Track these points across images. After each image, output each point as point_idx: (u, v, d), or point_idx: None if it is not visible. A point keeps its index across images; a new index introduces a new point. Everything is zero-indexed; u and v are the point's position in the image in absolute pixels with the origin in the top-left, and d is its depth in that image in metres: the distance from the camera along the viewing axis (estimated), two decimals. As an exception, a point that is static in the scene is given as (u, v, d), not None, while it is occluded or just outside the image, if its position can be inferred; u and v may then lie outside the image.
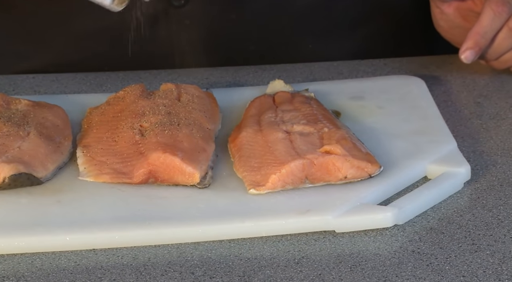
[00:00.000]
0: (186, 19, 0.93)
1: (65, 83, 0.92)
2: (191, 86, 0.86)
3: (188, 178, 0.77)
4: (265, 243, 0.74)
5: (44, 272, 0.71)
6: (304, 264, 0.72)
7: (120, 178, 0.78)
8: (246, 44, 0.95)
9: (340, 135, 0.80)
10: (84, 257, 0.72)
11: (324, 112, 0.84)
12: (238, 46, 0.95)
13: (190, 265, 0.72)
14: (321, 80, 0.92)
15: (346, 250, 0.73)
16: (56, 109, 0.83)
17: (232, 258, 0.73)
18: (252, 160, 0.79)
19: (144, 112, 0.82)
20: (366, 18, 0.99)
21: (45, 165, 0.78)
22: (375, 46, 0.99)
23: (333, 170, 0.78)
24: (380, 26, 0.99)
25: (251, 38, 0.95)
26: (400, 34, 1.00)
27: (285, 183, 0.77)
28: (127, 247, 0.73)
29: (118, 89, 0.86)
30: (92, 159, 0.79)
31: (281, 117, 0.83)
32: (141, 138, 0.80)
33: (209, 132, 0.82)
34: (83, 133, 0.82)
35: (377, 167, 0.79)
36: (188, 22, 0.93)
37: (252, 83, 0.93)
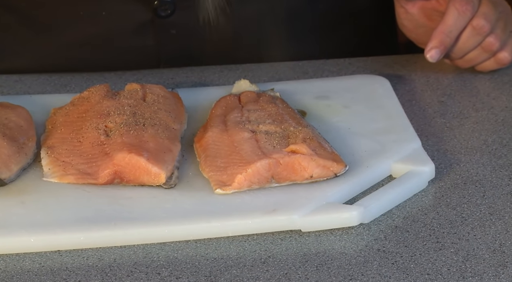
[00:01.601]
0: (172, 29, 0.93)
1: (29, 83, 0.91)
2: (157, 86, 0.86)
3: (154, 178, 0.77)
4: (232, 243, 0.74)
5: (8, 274, 0.70)
6: (270, 264, 0.72)
7: (85, 179, 0.77)
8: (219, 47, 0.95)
9: (306, 135, 0.80)
10: (49, 258, 0.72)
11: (289, 111, 0.85)
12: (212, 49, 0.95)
13: (156, 265, 0.72)
14: (286, 80, 0.92)
15: (312, 249, 0.74)
16: (20, 110, 0.83)
17: (199, 258, 0.72)
18: (218, 160, 0.79)
19: (109, 113, 0.82)
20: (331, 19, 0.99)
21: (9, 166, 0.77)
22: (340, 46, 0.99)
23: (299, 169, 0.78)
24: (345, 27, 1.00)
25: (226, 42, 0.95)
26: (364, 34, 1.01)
27: (251, 183, 0.77)
28: (93, 248, 0.73)
29: (82, 89, 0.86)
30: (56, 159, 0.79)
31: (247, 117, 0.83)
32: (106, 139, 0.79)
33: (175, 132, 0.82)
34: (47, 134, 0.82)
35: (343, 166, 0.79)
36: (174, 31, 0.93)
37: (218, 83, 0.93)
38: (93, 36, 0.93)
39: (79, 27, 0.92)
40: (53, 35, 0.93)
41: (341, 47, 0.99)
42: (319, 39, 0.98)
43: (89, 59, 0.93)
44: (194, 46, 0.94)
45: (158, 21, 0.92)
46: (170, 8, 0.92)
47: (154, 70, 0.94)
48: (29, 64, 0.93)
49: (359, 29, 1.00)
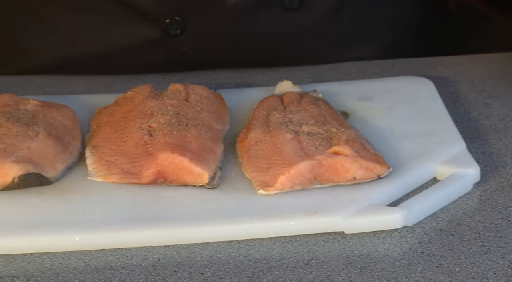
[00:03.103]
0: (184, 47, 0.93)
1: (74, 83, 0.92)
2: (200, 87, 0.86)
3: (197, 178, 0.78)
4: (274, 243, 0.74)
5: (54, 272, 0.71)
6: (313, 265, 0.72)
7: (129, 178, 0.78)
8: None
9: (349, 136, 0.80)
10: (94, 257, 0.72)
11: (332, 113, 0.85)
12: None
13: (199, 265, 0.72)
14: (329, 81, 0.92)
15: (356, 251, 0.74)
16: (65, 110, 0.84)
17: (241, 258, 0.73)
18: (261, 161, 0.79)
19: (152, 113, 0.82)
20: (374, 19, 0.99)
21: (54, 165, 0.78)
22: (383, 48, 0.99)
23: (342, 171, 0.78)
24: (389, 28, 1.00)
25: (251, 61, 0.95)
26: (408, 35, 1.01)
27: (293, 184, 0.77)
28: (136, 247, 0.73)
29: (126, 89, 0.87)
30: (101, 159, 0.79)
31: (289, 118, 0.83)
32: (150, 139, 0.80)
33: (217, 133, 0.82)
34: (92, 133, 0.83)
35: (386, 168, 0.79)
36: (186, 49, 0.93)
37: (260, 84, 0.93)
38: (104, 52, 0.93)
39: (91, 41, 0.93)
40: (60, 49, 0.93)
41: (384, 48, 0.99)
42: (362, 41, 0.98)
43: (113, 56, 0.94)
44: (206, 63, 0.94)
45: (167, 40, 0.92)
46: (180, 27, 0.92)
47: (197, 71, 0.95)
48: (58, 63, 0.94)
49: (403, 30, 1.00)
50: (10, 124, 0.79)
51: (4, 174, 0.76)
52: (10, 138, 0.78)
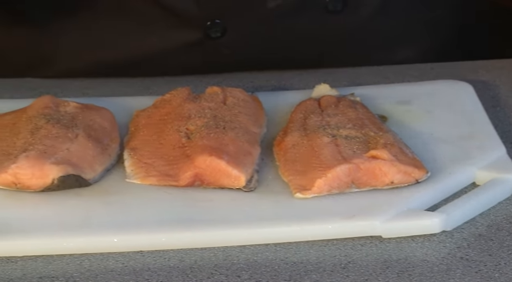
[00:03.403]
0: (224, 49, 0.94)
1: (113, 86, 0.93)
2: (237, 90, 0.87)
3: (234, 181, 0.78)
4: (311, 247, 0.74)
5: (92, 273, 0.72)
6: (350, 269, 0.72)
7: (167, 181, 0.78)
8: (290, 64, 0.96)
9: (387, 140, 0.80)
10: (132, 258, 0.73)
11: (370, 116, 0.84)
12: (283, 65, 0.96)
13: (236, 268, 0.72)
14: (367, 85, 0.92)
15: (393, 255, 0.73)
16: (104, 112, 0.84)
17: (278, 262, 0.73)
18: (298, 164, 0.79)
19: (190, 115, 0.83)
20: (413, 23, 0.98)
21: (93, 167, 0.79)
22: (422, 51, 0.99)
23: (380, 175, 0.78)
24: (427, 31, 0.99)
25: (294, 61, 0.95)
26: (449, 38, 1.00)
27: (331, 187, 0.77)
28: (174, 249, 0.74)
29: (164, 92, 0.87)
30: (139, 161, 0.80)
31: (327, 121, 0.83)
32: (187, 141, 0.80)
33: (254, 135, 0.82)
34: (130, 135, 0.83)
35: (424, 172, 0.78)
36: (227, 51, 0.94)
37: (298, 87, 0.93)
38: (143, 55, 0.94)
39: (130, 46, 0.93)
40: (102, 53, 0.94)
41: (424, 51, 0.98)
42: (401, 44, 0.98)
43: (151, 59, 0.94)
44: (245, 65, 0.94)
45: (208, 42, 0.93)
46: (221, 29, 0.93)
47: (234, 73, 0.95)
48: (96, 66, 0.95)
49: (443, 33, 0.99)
50: (50, 126, 0.80)
51: (44, 175, 0.76)
52: (50, 140, 0.79)
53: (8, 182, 0.77)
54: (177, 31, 0.93)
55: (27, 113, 0.82)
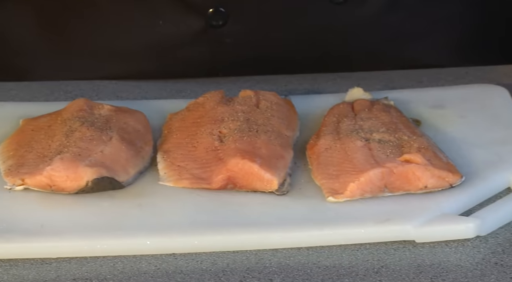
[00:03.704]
0: (227, 38, 0.94)
1: (146, 89, 0.93)
2: (270, 93, 0.87)
3: (267, 184, 0.78)
4: (344, 251, 0.74)
5: (125, 275, 0.72)
6: (383, 274, 0.72)
7: (199, 184, 0.79)
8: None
9: (421, 144, 0.80)
10: (164, 261, 0.73)
11: (404, 120, 0.84)
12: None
13: (268, 271, 0.72)
14: (400, 89, 0.92)
15: (427, 260, 0.73)
16: (138, 115, 0.85)
17: (311, 265, 0.73)
18: (331, 168, 0.79)
19: (223, 119, 0.83)
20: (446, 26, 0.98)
21: (127, 169, 0.79)
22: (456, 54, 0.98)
23: (413, 179, 0.77)
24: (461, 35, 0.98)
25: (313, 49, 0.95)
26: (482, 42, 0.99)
27: (363, 192, 0.77)
28: (206, 252, 0.74)
29: (198, 95, 0.87)
30: (172, 164, 0.80)
31: (360, 125, 0.83)
32: (220, 145, 0.81)
33: (287, 139, 0.82)
34: (164, 138, 0.84)
35: (459, 176, 0.78)
36: (229, 40, 0.94)
37: (331, 90, 0.93)
38: (148, 45, 0.94)
39: (135, 35, 0.93)
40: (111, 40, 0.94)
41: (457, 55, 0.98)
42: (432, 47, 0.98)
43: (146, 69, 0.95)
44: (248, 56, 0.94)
45: (211, 31, 0.93)
46: (223, 18, 0.93)
47: (268, 76, 0.95)
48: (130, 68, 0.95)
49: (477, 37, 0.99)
50: (85, 128, 0.81)
51: (79, 177, 0.77)
52: (84, 143, 0.79)
53: (43, 184, 0.77)
54: (181, 19, 0.93)
55: (62, 116, 0.83)
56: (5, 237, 0.73)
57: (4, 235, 0.73)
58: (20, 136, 0.82)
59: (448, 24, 0.98)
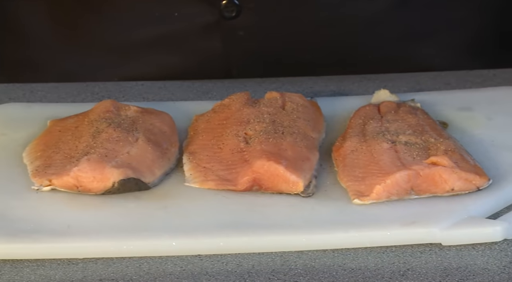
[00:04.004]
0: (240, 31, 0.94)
1: (172, 90, 0.94)
2: (296, 95, 0.87)
3: (292, 186, 0.78)
4: (370, 253, 0.74)
5: (151, 276, 0.72)
6: (409, 277, 0.72)
7: (225, 185, 0.79)
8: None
9: (447, 147, 0.79)
10: (190, 262, 0.73)
11: (430, 123, 0.84)
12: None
13: (293, 273, 0.72)
14: (427, 91, 0.92)
15: (453, 263, 0.72)
16: (164, 116, 0.85)
17: (336, 268, 0.73)
18: (357, 170, 0.79)
19: (249, 120, 0.83)
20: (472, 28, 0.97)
21: (153, 171, 0.79)
22: (482, 56, 0.98)
23: (440, 182, 0.77)
24: (489, 36, 0.98)
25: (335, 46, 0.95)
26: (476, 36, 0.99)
27: (390, 194, 0.77)
28: (232, 254, 0.74)
29: (224, 97, 0.88)
30: (197, 165, 0.81)
31: (386, 127, 0.83)
32: (246, 146, 0.81)
33: (313, 141, 0.82)
34: (189, 140, 0.84)
35: (486, 179, 0.77)
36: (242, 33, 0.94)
37: (357, 92, 0.92)
38: (163, 37, 0.94)
39: (150, 28, 0.93)
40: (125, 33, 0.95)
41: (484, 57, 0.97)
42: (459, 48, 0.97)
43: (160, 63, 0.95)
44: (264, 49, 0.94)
45: (224, 23, 0.93)
46: (236, 9, 0.92)
47: (294, 78, 0.95)
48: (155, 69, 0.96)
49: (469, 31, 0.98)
50: (111, 129, 0.81)
51: (105, 178, 0.77)
52: (111, 144, 0.80)
53: (70, 185, 0.78)
54: (194, 10, 0.93)
55: (89, 117, 0.84)
56: (33, 237, 0.74)
57: (32, 235, 0.74)
58: (47, 137, 0.83)
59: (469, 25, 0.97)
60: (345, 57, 0.96)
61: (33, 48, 0.98)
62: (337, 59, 0.96)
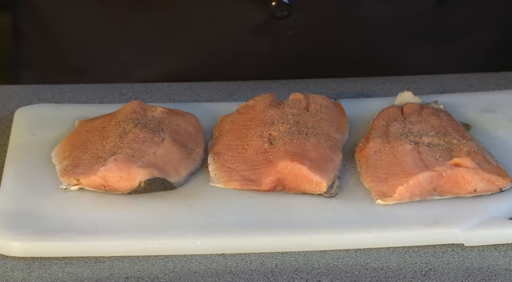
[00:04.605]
0: (289, 30, 0.94)
1: (198, 91, 0.94)
2: (320, 97, 0.87)
3: (315, 186, 0.78)
4: (392, 254, 0.74)
5: (176, 274, 0.73)
6: (431, 277, 0.72)
7: (249, 185, 0.80)
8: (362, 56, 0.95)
9: (470, 148, 0.79)
10: (214, 261, 0.74)
11: (453, 124, 0.84)
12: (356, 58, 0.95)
13: (316, 273, 0.73)
14: (451, 93, 0.92)
15: (475, 264, 0.73)
16: (189, 117, 0.86)
17: (359, 267, 0.73)
18: (379, 171, 0.79)
19: (273, 121, 0.84)
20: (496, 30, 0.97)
21: (178, 171, 0.80)
22: (505, 58, 0.97)
23: (462, 183, 0.77)
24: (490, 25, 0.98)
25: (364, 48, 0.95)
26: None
27: (412, 195, 0.77)
28: (255, 253, 0.74)
29: (248, 98, 0.88)
30: (222, 165, 0.81)
31: (409, 128, 0.83)
32: (270, 147, 0.81)
33: (336, 142, 0.83)
34: (214, 140, 0.85)
35: (509, 181, 0.77)
36: (291, 33, 0.94)
37: (380, 94, 0.93)
38: (212, 37, 0.94)
39: (199, 28, 0.94)
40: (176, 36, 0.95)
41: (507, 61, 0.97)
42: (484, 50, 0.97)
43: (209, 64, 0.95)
44: (312, 48, 0.94)
45: (274, 23, 0.93)
46: (287, 9, 0.93)
47: (317, 80, 0.95)
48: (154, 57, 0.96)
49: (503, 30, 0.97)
50: (138, 130, 0.82)
51: (132, 178, 0.78)
52: (137, 144, 0.81)
53: (97, 184, 0.79)
54: (243, 10, 0.94)
55: (116, 117, 0.84)
56: (61, 235, 0.75)
57: (60, 233, 0.75)
58: (75, 137, 0.84)
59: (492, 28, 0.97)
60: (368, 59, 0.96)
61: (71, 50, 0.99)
62: (360, 61, 0.96)
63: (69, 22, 0.98)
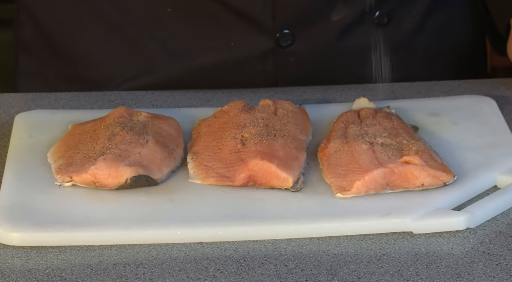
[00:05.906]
0: (291, 57, 0.94)
1: (178, 98, 0.94)
2: (286, 102, 0.87)
3: (283, 182, 0.78)
4: (350, 241, 0.74)
5: (159, 261, 0.73)
6: (384, 261, 0.72)
7: (224, 181, 0.79)
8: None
9: (418, 147, 0.80)
10: (193, 249, 0.74)
11: (403, 126, 0.84)
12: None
13: (283, 258, 0.73)
14: (401, 99, 0.92)
15: (423, 249, 0.73)
16: (170, 121, 0.86)
17: (321, 253, 0.73)
18: (339, 168, 0.79)
19: (245, 124, 0.84)
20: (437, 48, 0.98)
21: (161, 169, 0.80)
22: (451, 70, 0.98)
23: (412, 178, 0.78)
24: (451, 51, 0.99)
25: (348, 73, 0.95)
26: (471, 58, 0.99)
27: (368, 189, 0.78)
28: (229, 241, 0.74)
29: (223, 104, 0.88)
30: (200, 164, 0.81)
31: (365, 130, 0.83)
32: (242, 147, 0.81)
33: (301, 142, 0.83)
34: (193, 142, 0.85)
35: (451, 176, 0.78)
36: (293, 59, 0.94)
37: (340, 100, 0.93)
38: (220, 62, 0.94)
39: (208, 55, 0.94)
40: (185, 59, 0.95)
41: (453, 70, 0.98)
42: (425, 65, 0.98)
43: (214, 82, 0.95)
44: (310, 72, 0.94)
45: (278, 50, 0.93)
46: (290, 38, 0.93)
47: (285, 88, 0.95)
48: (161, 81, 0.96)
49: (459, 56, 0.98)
50: (125, 133, 0.82)
51: (119, 175, 0.78)
52: (124, 145, 0.80)
53: (88, 181, 0.79)
54: (250, 39, 0.93)
55: (105, 121, 0.84)
56: (56, 227, 0.75)
57: (55, 225, 0.75)
58: (69, 139, 0.84)
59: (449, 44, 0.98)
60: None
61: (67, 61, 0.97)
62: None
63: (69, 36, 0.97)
